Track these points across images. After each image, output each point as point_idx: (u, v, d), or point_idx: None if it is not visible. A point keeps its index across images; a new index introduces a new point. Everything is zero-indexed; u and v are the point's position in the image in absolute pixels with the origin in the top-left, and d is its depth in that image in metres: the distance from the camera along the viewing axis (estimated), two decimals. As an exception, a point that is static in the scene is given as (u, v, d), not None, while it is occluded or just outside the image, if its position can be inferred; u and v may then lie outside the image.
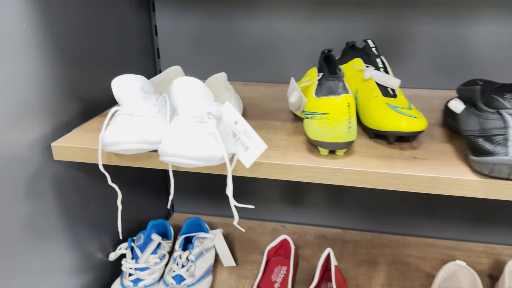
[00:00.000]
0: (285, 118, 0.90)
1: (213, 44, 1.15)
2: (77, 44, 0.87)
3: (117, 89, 0.75)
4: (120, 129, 0.69)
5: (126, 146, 0.69)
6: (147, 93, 0.77)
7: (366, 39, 0.85)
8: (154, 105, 0.76)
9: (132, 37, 1.06)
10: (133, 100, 0.74)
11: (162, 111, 0.77)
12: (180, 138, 0.66)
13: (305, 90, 0.78)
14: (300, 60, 1.12)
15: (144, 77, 0.78)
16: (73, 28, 0.86)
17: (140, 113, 0.73)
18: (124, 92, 0.74)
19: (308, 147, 0.76)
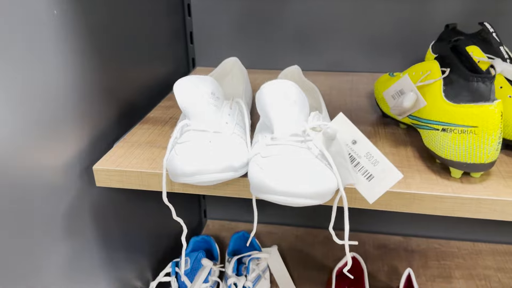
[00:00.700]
0: (372, 119, 0.73)
1: (258, 27, 0.96)
2: (109, 33, 0.68)
3: (182, 97, 0.56)
4: (196, 154, 0.52)
5: (207, 177, 0.51)
6: (219, 99, 0.58)
7: (483, 22, 0.68)
8: (229, 116, 0.58)
9: (161, 18, 0.86)
10: (205, 111, 0.56)
11: (239, 122, 0.60)
12: (288, 169, 0.48)
13: (423, 91, 0.60)
14: (359, 44, 0.94)
15: (212, 78, 0.59)
16: (106, 13, 0.66)
17: (216, 128, 0.55)
18: (193, 100, 0.56)
19: (426, 164, 0.60)
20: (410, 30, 0.90)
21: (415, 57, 0.92)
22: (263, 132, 0.56)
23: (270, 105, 0.53)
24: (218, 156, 0.51)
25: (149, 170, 0.59)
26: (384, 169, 0.50)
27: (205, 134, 0.54)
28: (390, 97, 0.65)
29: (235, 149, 0.54)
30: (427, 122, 0.58)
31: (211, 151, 0.52)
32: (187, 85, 0.57)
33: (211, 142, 0.53)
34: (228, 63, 0.78)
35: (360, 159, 0.51)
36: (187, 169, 0.51)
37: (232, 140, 0.55)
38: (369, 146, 0.50)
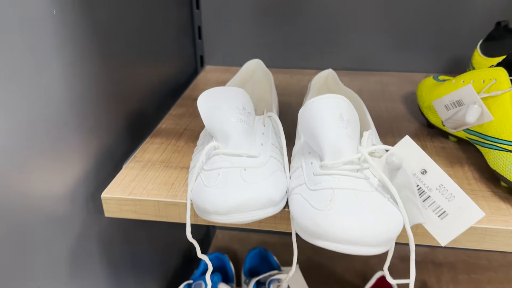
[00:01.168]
0: (416, 130, 0.64)
1: (274, 21, 0.86)
2: (112, 31, 0.58)
3: (208, 113, 0.47)
4: (231, 187, 0.42)
5: (246, 216, 0.42)
6: (250, 115, 0.49)
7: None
8: (263, 135, 0.49)
9: (166, 11, 0.76)
10: (236, 130, 0.47)
11: (274, 142, 0.50)
12: (347, 209, 0.39)
13: (488, 103, 0.52)
14: (388, 40, 0.85)
15: (243, 90, 0.50)
16: (108, 9, 0.57)
17: (250, 152, 0.46)
18: (221, 118, 0.47)
19: (491, 188, 0.51)
20: (445, 24, 0.81)
21: (452, 56, 0.83)
22: (307, 157, 0.47)
23: (320, 126, 0.44)
24: (257, 188, 0.42)
25: (168, 199, 0.50)
26: (461, 206, 0.41)
27: (238, 159, 0.45)
28: (443, 107, 0.57)
29: (275, 178, 0.45)
30: (495, 141, 0.50)
31: (248, 182, 0.43)
32: (214, 99, 0.48)
33: (246, 170, 0.44)
34: (249, 66, 0.68)
35: (431, 193, 0.42)
36: (222, 206, 0.41)
37: (271, 166, 0.46)
38: (442, 177, 0.42)
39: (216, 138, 0.47)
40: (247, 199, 0.41)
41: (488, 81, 0.52)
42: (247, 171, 0.44)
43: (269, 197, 0.43)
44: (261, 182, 0.43)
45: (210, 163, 0.46)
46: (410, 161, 0.43)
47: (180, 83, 0.84)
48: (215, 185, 0.43)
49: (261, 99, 0.67)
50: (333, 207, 0.40)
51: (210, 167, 0.45)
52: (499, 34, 0.65)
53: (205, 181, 0.44)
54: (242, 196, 0.41)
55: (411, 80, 0.83)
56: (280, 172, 0.47)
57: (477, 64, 0.66)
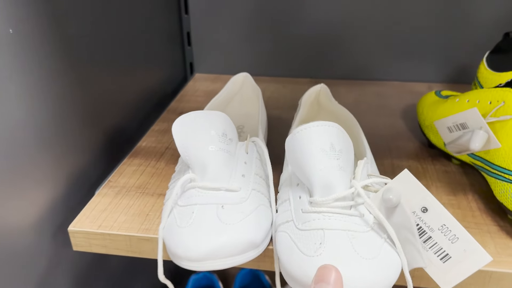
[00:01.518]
0: (416, 150, 0.59)
1: (267, 27, 0.81)
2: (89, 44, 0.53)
3: (183, 142, 0.42)
4: (206, 230, 0.38)
5: (220, 263, 0.38)
6: (232, 142, 0.44)
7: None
8: (246, 164, 0.44)
9: (153, 17, 0.71)
10: (214, 161, 0.42)
11: (258, 171, 0.46)
12: (340, 254, 0.35)
13: (495, 128, 0.47)
14: (387, 47, 0.80)
15: (224, 114, 0.45)
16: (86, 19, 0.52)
17: (230, 185, 0.41)
18: (198, 147, 0.42)
19: (497, 222, 0.47)
20: (450, 32, 0.76)
21: (456, 65, 0.78)
22: (295, 189, 0.42)
23: (309, 158, 0.39)
24: (235, 230, 0.38)
25: (141, 233, 0.45)
26: (466, 249, 0.36)
27: (216, 194, 0.41)
28: (446, 129, 0.52)
29: (258, 215, 0.40)
30: (502, 171, 0.45)
31: (225, 223, 0.38)
32: (191, 125, 0.43)
33: (224, 207, 0.39)
34: (237, 80, 0.63)
35: (433, 233, 0.38)
36: (194, 253, 0.37)
37: (253, 201, 0.41)
38: (445, 216, 0.37)
39: (193, 169, 0.42)
40: (223, 244, 0.37)
41: (496, 103, 0.47)
42: (225, 209, 0.39)
43: (249, 240, 0.38)
44: (239, 222, 0.38)
45: (185, 197, 0.41)
46: (409, 198, 0.38)
47: (167, 93, 0.79)
48: (188, 225, 0.38)
49: (249, 115, 0.62)
50: (323, 252, 0.35)
51: (185, 203, 0.41)
52: (507, 46, 0.60)
53: (178, 219, 0.40)
54: (217, 240, 0.37)
55: (412, 91, 0.78)
56: (264, 207, 0.42)
57: (483, 78, 0.61)
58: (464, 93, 0.54)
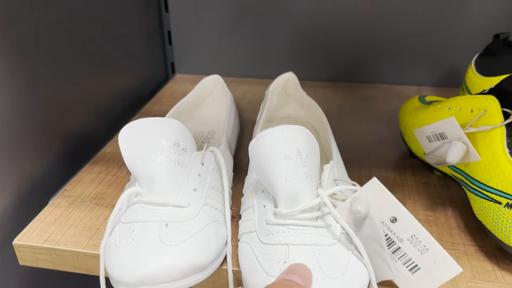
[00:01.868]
0: (396, 159, 0.55)
1: (250, 26, 0.77)
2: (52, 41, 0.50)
3: (129, 152, 0.39)
4: (144, 251, 0.34)
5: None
6: (185, 152, 0.41)
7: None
8: (199, 177, 0.41)
9: (129, 14, 0.68)
10: (161, 174, 0.38)
11: (214, 184, 0.42)
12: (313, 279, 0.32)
13: (475, 139, 0.43)
14: (377, 47, 0.75)
15: (177, 122, 0.42)
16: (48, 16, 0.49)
17: (178, 200, 0.38)
18: (146, 158, 0.39)
19: (477, 242, 0.43)
20: (441, 33, 0.72)
21: (447, 68, 0.74)
22: (260, 197, 0.40)
23: (273, 166, 0.36)
24: (176, 253, 0.34)
25: (87, 249, 0.42)
26: (436, 260, 0.33)
27: (161, 211, 0.37)
28: (425, 138, 0.48)
29: (206, 234, 0.37)
30: (481, 187, 0.41)
31: (166, 244, 0.35)
32: (139, 134, 0.40)
33: (168, 226, 0.36)
34: (207, 82, 0.60)
35: (402, 244, 0.35)
36: (129, 277, 0.33)
37: (203, 218, 0.38)
38: (415, 226, 0.34)
39: (139, 181, 0.39)
40: (162, 268, 0.33)
41: (477, 112, 0.43)
42: (169, 227, 0.36)
43: (192, 263, 0.35)
44: (182, 243, 0.35)
45: (129, 213, 0.38)
46: (378, 207, 0.35)
47: (145, 94, 0.76)
48: (126, 245, 0.35)
49: (220, 120, 0.59)
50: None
51: (128, 219, 0.37)
52: (497, 49, 0.56)
53: (118, 237, 0.36)
54: (155, 263, 0.33)
55: (400, 94, 0.74)
56: (217, 224, 0.39)
57: (470, 83, 0.57)
58: (447, 99, 0.50)
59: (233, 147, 0.53)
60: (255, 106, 0.70)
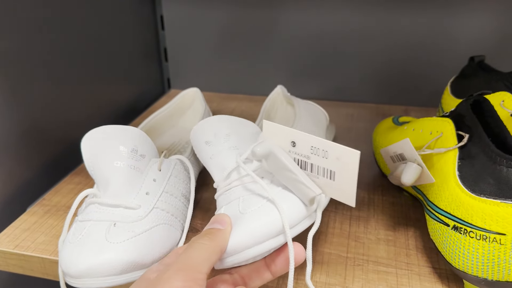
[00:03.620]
0: (368, 179, 0.56)
1: (243, 44, 0.79)
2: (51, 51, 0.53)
3: (91, 156, 0.42)
4: (88, 246, 0.37)
5: (98, 282, 0.36)
6: (144, 158, 0.43)
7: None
8: (154, 182, 0.43)
9: (127, 32, 0.71)
10: (116, 177, 0.41)
11: (172, 190, 0.44)
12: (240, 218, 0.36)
13: (431, 161, 0.43)
14: (364, 68, 0.76)
15: (137, 129, 0.44)
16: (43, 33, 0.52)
17: (130, 202, 0.40)
18: (104, 162, 0.41)
19: (432, 263, 0.43)
20: (428, 54, 0.72)
21: (433, 89, 0.74)
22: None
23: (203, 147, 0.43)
24: (118, 250, 0.37)
25: (53, 256, 0.44)
26: (338, 156, 0.36)
27: (112, 211, 0.40)
28: (389, 158, 0.49)
29: (151, 235, 0.39)
30: (434, 209, 0.41)
31: (109, 242, 0.37)
32: (99, 141, 0.42)
33: (116, 225, 0.38)
34: (187, 94, 0.63)
35: (310, 160, 0.38)
36: (73, 269, 0.36)
37: (151, 220, 0.40)
38: (308, 139, 0.37)
39: (97, 184, 0.42)
40: (102, 262, 0.36)
41: (435, 134, 0.44)
42: (116, 227, 0.38)
43: (132, 261, 0.37)
44: (124, 241, 0.37)
45: (85, 212, 0.40)
46: (280, 142, 0.39)
47: (140, 109, 0.78)
48: (75, 241, 0.38)
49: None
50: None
51: (83, 218, 0.40)
52: (471, 71, 0.56)
53: (71, 234, 0.39)
54: (96, 258, 0.36)
55: (386, 114, 0.74)
56: (166, 226, 0.41)
57: (446, 104, 0.58)
58: (415, 120, 0.51)
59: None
60: (242, 122, 0.72)
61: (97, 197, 0.41)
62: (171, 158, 0.47)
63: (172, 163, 0.46)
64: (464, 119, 0.42)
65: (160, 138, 0.58)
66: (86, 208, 0.41)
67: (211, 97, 0.82)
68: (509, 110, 0.47)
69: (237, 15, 0.77)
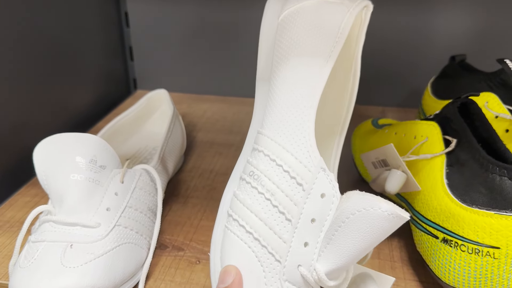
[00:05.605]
0: (347, 183, 0.53)
1: (215, 41, 0.76)
2: None
3: (45, 169, 0.37)
4: (41, 273, 0.33)
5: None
6: (104, 170, 0.39)
7: (502, 59, 0.47)
8: (116, 196, 0.39)
9: (90, 29, 0.66)
10: (75, 191, 0.37)
11: (136, 204, 0.40)
12: None
13: (416, 167, 0.41)
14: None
15: (97, 137, 0.40)
16: None
17: (88, 222, 0.36)
18: (58, 175, 0.37)
19: (418, 276, 0.40)
20: (408, 53, 0.70)
21: (413, 89, 0.72)
22: None
23: None
24: (74, 275, 0.33)
25: (5, 280, 0.39)
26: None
27: (68, 230, 0.36)
28: (371, 164, 0.46)
29: (113, 258, 0.35)
30: (421, 220, 0.39)
31: (65, 266, 0.33)
32: (53, 151, 0.38)
33: (73, 247, 0.34)
34: (154, 97, 0.58)
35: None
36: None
37: (113, 239, 0.36)
38: None
39: (51, 199, 0.38)
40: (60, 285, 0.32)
41: (420, 139, 0.42)
42: (73, 249, 0.34)
43: (89, 287, 0.33)
44: (83, 265, 0.33)
45: (38, 232, 0.36)
46: None
47: (103, 110, 0.73)
48: (27, 266, 0.34)
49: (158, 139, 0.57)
50: None
51: (36, 238, 0.36)
52: (452, 71, 0.54)
53: (23, 257, 0.35)
54: (50, 286, 0.32)
55: (364, 115, 0.72)
56: (130, 246, 0.37)
57: (426, 106, 0.55)
58: (396, 123, 0.48)
59: (172, 167, 0.51)
60: (213, 125, 0.68)
61: (52, 214, 0.37)
62: (135, 168, 0.42)
63: (137, 173, 0.42)
64: (451, 122, 0.39)
65: (123, 144, 0.54)
66: (40, 227, 0.36)
67: (180, 98, 0.78)
68: (494, 112, 0.45)
69: (206, 11, 0.73)
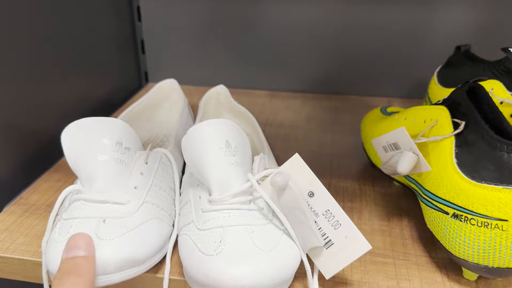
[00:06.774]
0: (358, 170, 0.55)
1: (223, 36, 0.78)
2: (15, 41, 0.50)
3: (73, 151, 0.39)
4: None
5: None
6: (129, 151, 0.41)
7: (507, 47, 0.50)
8: (141, 176, 0.41)
9: (103, 24, 0.68)
10: (103, 171, 0.39)
11: (160, 183, 0.42)
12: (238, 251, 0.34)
13: (427, 149, 0.43)
14: (347, 59, 0.76)
15: (121, 121, 0.42)
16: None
17: (118, 197, 0.38)
18: (87, 156, 0.39)
19: (429, 253, 0.43)
20: (413, 44, 0.72)
21: (419, 79, 0.74)
22: (196, 190, 0.41)
23: (205, 156, 0.38)
24: (111, 247, 0.35)
25: (36, 257, 0.41)
26: (347, 236, 0.36)
27: (100, 207, 0.38)
28: (381, 148, 0.48)
29: (144, 230, 0.37)
30: (431, 198, 0.41)
31: (101, 239, 0.35)
32: (81, 133, 0.40)
33: (105, 222, 0.36)
34: (163, 86, 0.61)
35: (318, 218, 0.37)
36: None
37: (142, 214, 0.38)
38: (329, 202, 0.37)
39: (81, 180, 0.39)
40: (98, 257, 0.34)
41: (429, 122, 0.44)
42: (106, 223, 0.36)
43: (126, 257, 0.35)
44: (117, 238, 0.35)
45: (70, 210, 0.38)
46: (298, 181, 0.37)
47: (116, 102, 0.75)
48: (62, 240, 0.35)
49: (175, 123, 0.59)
50: (223, 250, 0.34)
51: (68, 216, 0.38)
52: (458, 60, 0.56)
53: (57, 233, 0.37)
54: None
55: (370, 106, 0.74)
56: (157, 221, 0.39)
57: (433, 94, 0.58)
58: (405, 109, 0.50)
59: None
60: (224, 116, 0.70)
61: (82, 193, 0.38)
62: (156, 151, 0.45)
63: (158, 156, 0.44)
64: (459, 106, 0.41)
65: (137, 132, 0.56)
66: (70, 205, 0.38)
67: (192, 91, 0.80)
68: (499, 98, 0.47)
69: (217, 4, 0.75)
